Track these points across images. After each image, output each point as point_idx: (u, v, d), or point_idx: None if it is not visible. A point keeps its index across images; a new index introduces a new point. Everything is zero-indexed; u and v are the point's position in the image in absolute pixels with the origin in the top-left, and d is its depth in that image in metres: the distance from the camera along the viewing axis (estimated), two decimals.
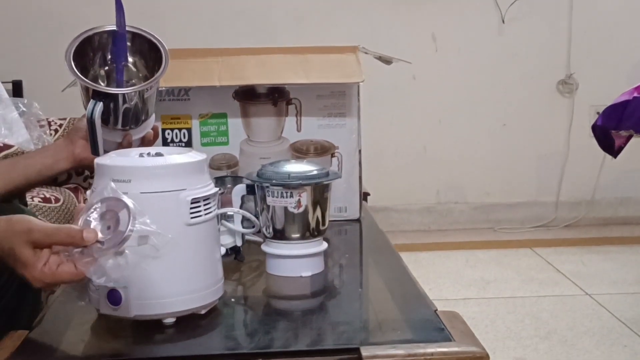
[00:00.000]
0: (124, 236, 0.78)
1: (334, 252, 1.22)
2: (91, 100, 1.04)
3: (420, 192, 3.18)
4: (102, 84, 1.12)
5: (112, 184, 0.83)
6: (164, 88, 1.38)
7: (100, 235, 0.79)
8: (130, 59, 1.12)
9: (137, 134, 1.16)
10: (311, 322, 0.98)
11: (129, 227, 0.79)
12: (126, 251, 0.79)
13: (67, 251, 0.80)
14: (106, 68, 1.12)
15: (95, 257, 0.79)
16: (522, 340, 2.01)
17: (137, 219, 0.79)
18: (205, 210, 0.90)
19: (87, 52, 1.10)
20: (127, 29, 1.10)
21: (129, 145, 1.15)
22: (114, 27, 1.09)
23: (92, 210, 0.81)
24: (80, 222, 0.81)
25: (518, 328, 2.10)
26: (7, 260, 0.83)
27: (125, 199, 0.81)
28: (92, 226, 0.80)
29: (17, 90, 2.68)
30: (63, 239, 0.80)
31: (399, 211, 3.17)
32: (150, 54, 1.11)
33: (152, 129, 1.21)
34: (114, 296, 0.86)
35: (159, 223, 0.86)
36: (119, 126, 1.10)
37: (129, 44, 1.11)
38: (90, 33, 1.09)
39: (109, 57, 1.12)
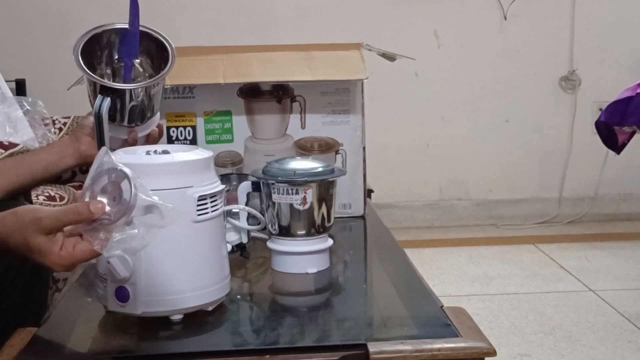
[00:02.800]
0: (129, 204, 0.77)
1: (339, 249, 1.22)
2: (99, 95, 1.04)
3: (423, 189, 3.18)
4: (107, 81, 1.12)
5: (110, 156, 0.81)
6: (168, 86, 1.38)
7: (107, 208, 0.79)
8: (138, 60, 1.12)
9: (142, 131, 1.17)
10: (317, 319, 0.98)
11: (132, 194, 0.78)
12: (134, 220, 0.79)
13: (79, 230, 0.80)
14: (113, 67, 1.13)
15: (107, 230, 0.78)
16: (527, 336, 2.01)
17: (139, 188, 0.79)
18: (212, 207, 0.90)
19: (95, 50, 1.10)
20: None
21: (134, 142, 1.16)
22: (123, 25, 1.09)
23: (92, 184, 0.81)
24: (85, 198, 0.81)
25: (522, 324, 2.10)
26: (24, 252, 0.83)
27: (124, 167, 0.80)
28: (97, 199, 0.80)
29: (20, 88, 2.68)
30: (72, 218, 0.81)
31: (402, 208, 3.17)
32: (157, 54, 1.11)
33: (157, 126, 1.21)
34: (121, 293, 0.86)
35: None
36: (125, 123, 1.11)
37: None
38: (99, 30, 1.10)
39: (116, 56, 1.12)
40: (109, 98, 1.04)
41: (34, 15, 2.97)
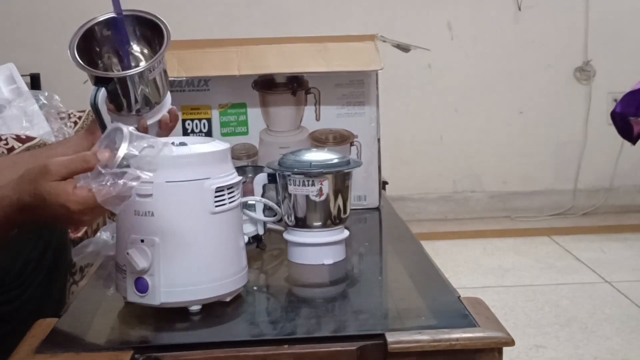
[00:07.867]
0: (116, 155, 0.80)
1: (354, 240, 1.22)
2: (93, 86, 1.04)
3: (436, 181, 3.17)
4: (115, 71, 1.12)
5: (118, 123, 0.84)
6: (183, 78, 1.39)
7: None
8: (137, 47, 1.12)
9: (151, 118, 1.14)
10: (334, 309, 0.98)
11: (123, 147, 0.80)
12: (128, 170, 0.80)
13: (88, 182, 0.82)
14: (119, 56, 1.12)
15: (104, 179, 0.80)
16: (542, 328, 2.01)
17: (132, 142, 0.81)
18: (229, 198, 0.91)
19: (92, 45, 1.10)
20: (126, 13, 1.09)
21: (145, 130, 1.13)
22: (110, 15, 1.09)
23: (100, 145, 0.84)
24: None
25: (538, 316, 2.10)
26: (40, 208, 0.82)
27: (122, 125, 0.82)
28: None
29: (34, 83, 2.70)
30: (79, 165, 0.81)
31: (416, 200, 3.16)
32: (159, 40, 1.09)
33: (170, 112, 1.18)
34: (140, 284, 0.87)
35: (184, 212, 0.88)
36: (133, 112, 1.10)
37: (132, 28, 1.11)
38: (90, 24, 1.10)
39: (116, 45, 1.12)
40: (103, 88, 1.04)
41: (48, 9, 2.98)
